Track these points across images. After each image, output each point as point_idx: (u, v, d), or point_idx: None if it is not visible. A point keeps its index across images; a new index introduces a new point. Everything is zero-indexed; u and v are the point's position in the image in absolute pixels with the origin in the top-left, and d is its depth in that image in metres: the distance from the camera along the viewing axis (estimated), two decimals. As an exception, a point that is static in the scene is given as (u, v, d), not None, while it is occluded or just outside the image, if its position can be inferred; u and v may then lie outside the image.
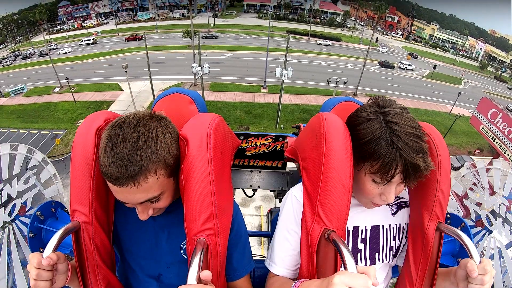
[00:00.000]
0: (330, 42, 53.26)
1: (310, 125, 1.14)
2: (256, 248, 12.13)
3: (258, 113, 27.80)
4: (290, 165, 1.80)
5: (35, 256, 0.81)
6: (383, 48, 54.98)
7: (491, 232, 1.39)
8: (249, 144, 1.86)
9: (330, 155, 0.94)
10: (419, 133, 0.93)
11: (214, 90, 31.21)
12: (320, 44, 52.25)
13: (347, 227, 1.12)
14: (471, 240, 1.04)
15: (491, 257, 1.36)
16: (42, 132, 25.39)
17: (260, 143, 1.86)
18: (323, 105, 1.48)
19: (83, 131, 0.98)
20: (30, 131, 25.52)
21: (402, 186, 1.00)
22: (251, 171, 1.94)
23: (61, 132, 25.06)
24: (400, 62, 45.95)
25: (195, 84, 30.92)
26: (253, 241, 12.05)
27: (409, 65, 45.39)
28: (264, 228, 14.47)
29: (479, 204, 1.48)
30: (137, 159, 0.82)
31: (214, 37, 50.62)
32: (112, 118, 1.03)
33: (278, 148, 1.87)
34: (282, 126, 25.62)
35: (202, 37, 48.30)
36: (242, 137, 1.82)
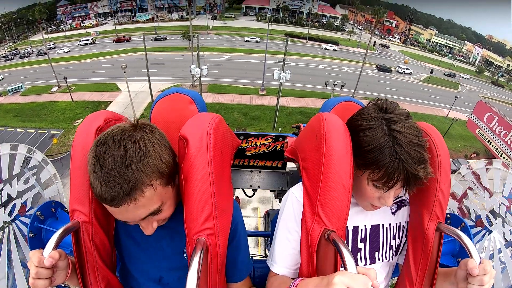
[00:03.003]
0: (335, 47, 52.89)
1: (310, 125, 1.14)
2: (254, 248, 12.08)
3: (256, 115, 27.79)
4: (290, 165, 1.80)
5: (35, 254, 0.80)
6: (330, 46, 53.53)
7: (491, 232, 1.40)
8: (249, 144, 1.86)
9: (330, 155, 0.94)
10: (421, 142, 0.94)
11: (212, 92, 31.19)
12: (325, 48, 52.22)
13: (347, 227, 1.12)
14: (471, 240, 1.04)
15: (491, 257, 1.37)
16: (39, 131, 25.23)
17: (260, 143, 1.86)
18: (323, 105, 1.48)
19: (83, 130, 0.97)
20: (27, 130, 25.34)
21: (400, 189, 1.01)
22: (251, 171, 1.94)
23: (59, 132, 24.93)
24: (398, 66, 46.21)
25: (193, 86, 30.87)
26: (251, 241, 11.99)
27: (406, 69, 45.67)
28: (261, 230, 14.44)
29: (479, 204, 1.48)
30: (129, 175, 0.78)
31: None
32: (112, 118, 1.02)
33: (278, 148, 1.87)
34: (279, 129, 25.64)
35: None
36: (242, 137, 1.82)
